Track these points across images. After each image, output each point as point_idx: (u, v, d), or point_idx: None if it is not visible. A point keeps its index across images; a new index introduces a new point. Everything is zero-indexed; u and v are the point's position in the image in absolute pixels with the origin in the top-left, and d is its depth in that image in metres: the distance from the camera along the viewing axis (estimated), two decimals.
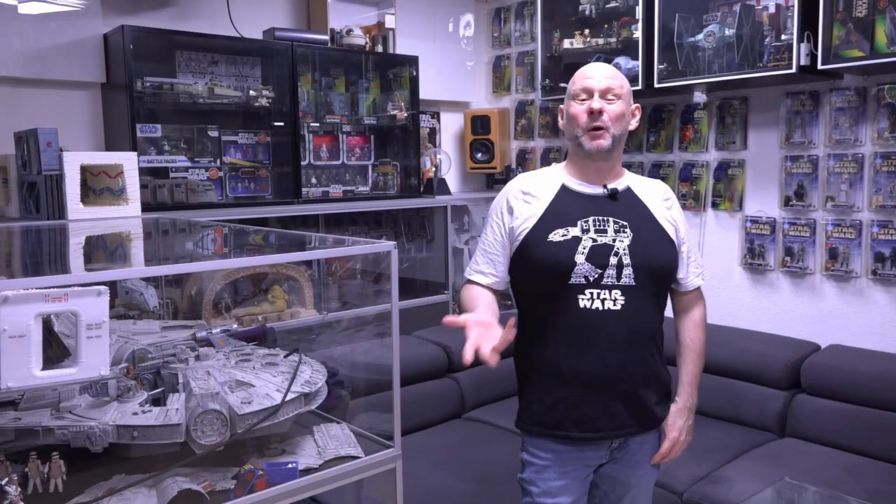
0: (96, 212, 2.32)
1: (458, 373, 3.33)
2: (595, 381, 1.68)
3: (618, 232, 1.70)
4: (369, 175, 3.87)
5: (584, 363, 1.68)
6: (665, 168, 3.51)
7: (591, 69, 1.74)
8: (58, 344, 1.32)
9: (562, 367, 1.69)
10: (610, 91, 1.70)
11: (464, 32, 4.17)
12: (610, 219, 1.71)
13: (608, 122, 1.69)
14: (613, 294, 1.66)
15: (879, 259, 2.86)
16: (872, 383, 2.67)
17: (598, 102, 1.68)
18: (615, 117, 1.70)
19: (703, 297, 1.88)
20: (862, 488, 2.38)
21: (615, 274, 1.67)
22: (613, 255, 1.67)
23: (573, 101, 1.73)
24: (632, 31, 3.23)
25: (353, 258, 3.29)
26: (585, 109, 1.69)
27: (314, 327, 2.66)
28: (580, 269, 1.65)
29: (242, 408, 1.40)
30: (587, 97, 1.70)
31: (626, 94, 1.73)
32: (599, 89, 1.69)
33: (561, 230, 1.69)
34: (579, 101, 1.72)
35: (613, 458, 1.77)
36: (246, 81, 3.36)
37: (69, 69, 2.91)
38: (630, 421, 1.72)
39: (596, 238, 1.68)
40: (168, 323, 1.90)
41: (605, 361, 1.67)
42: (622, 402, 1.70)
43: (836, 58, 2.64)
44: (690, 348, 1.84)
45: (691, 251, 1.83)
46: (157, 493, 1.30)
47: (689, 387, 1.83)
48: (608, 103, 1.70)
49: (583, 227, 1.69)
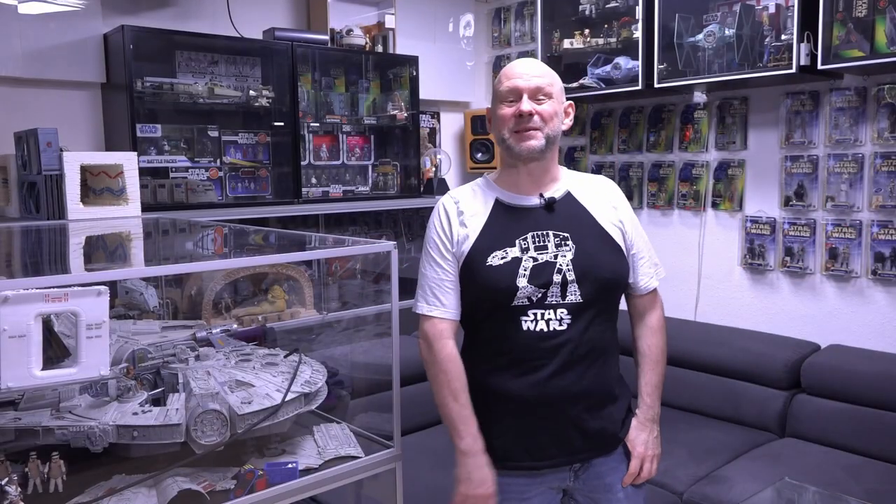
0: (96, 212, 2.32)
1: None
2: (543, 407, 1.58)
3: (559, 246, 1.58)
4: (369, 175, 3.87)
5: (529, 388, 1.57)
6: (665, 168, 3.51)
7: (520, 66, 1.62)
8: (58, 344, 1.32)
9: (508, 392, 1.59)
10: (540, 91, 1.59)
11: (464, 32, 4.16)
12: (549, 232, 1.59)
13: (540, 122, 1.58)
14: (559, 313, 1.56)
15: (879, 259, 2.86)
16: (872, 383, 2.67)
17: (527, 104, 1.57)
18: (547, 117, 1.58)
19: (660, 298, 1.76)
20: (862, 488, 2.38)
21: (559, 292, 1.56)
22: (557, 273, 1.56)
23: (501, 102, 1.61)
24: (632, 31, 3.23)
25: (353, 258, 3.29)
26: (514, 112, 1.58)
27: (314, 327, 2.66)
28: (522, 291, 1.55)
29: (242, 408, 1.40)
30: (515, 98, 1.59)
31: (557, 91, 1.62)
32: (528, 89, 1.58)
33: (500, 252, 1.58)
34: (507, 102, 1.60)
35: (580, 479, 1.66)
36: (246, 81, 3.36)
37: (69, 69, 2.91)
38: (585, 445, 1.62)
39: (536, 256, 1.57)
40: (168, 323, 1.90)
41: (552, 385, 1.56)
42: (575, 427, 1.60)
43: (836, 58, 2.64)
44: (648, 356, 1.72)
45: (642, 251, 1.70)
46: (157, 493, 1.30)
47: (648, 398, 1.70)
48: (538, 103, 1.58)
49: (521, 245, 1.58)
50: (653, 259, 1.74)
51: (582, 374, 1.58)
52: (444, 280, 1.63)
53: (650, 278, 1.72)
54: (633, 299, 1.75)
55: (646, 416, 1.70)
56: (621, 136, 3.69)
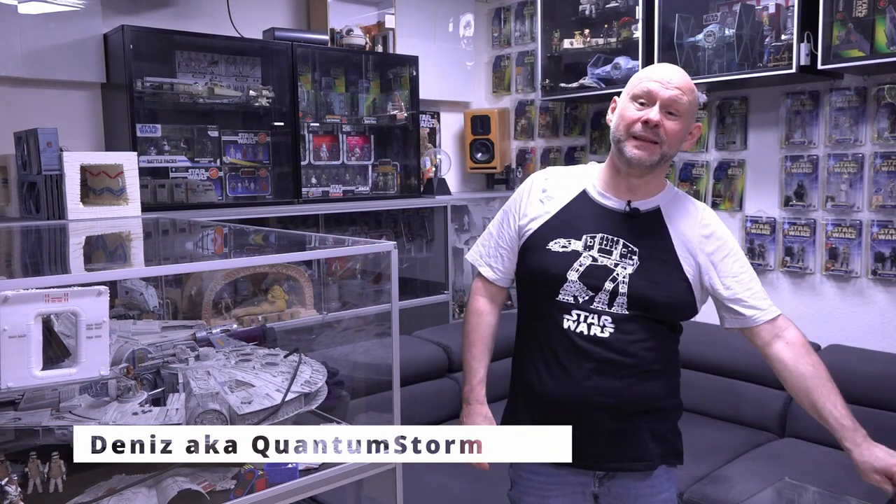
0: (96, 212, 2.32)
1: (458, 373, 3.32)
2: (571, 408, 1.55)
3: (624, 256, 1.53)
4: (369, 175, 3.87)
5: (562, 388, 1.55)
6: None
7: (663, 72, 1.52)
8: (58, 344, 1.32)
9: (540, 388, 1.59)
10: (674, 104, 1.49)
11: (464, 32, 4.17)
12: (620, 240, 1.54)
13: (662, 136, 1.49)
14: (602, 320, 1.51)
15: (879, 259, 2.86)
16: (872, 383, 2.67)
17: (656, 114, 1.48)
18: (672, 135, 1.50)
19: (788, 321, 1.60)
20: (862, 488, 2.36)
21: (607, 300, 1.52)
22: (611, 280, 1.52)
23: (632, 100, 1.53)
24: (632, 31, 3.24)
25: (353, 258, 3.29)
26: (641, 117, 1.50)
27: (314, 327, 2.66)
28: (570, 286, 1.53)
29: (242, 408, 1.40)
30: (647, 102, 1.50)
31: (691, 110, 1.53)
32: (664, 99, 1.49)
33: (563, 240, 1.56)
34: (638, 103, 1.51)
35: (604, 486, 1.62)
36: (246, 81, 3.36)
37: (69, 69, 2.91)
38: (610, 455, 1.57)
39: (597, 258, 1.53)
40: (168, 323, 1.89)
41: (583, 388, 1.53)
42: (601, 434, 1.55)
43: (836, 58, 2.64)
44: (816, 375, 1.52)
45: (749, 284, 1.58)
46: (157, 493, 1.30)
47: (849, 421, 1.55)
48: (668, 117, 1.49)
49: (587, 242, 1.55)
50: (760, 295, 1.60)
51: (618, 384, 1.53)
52: (500, 246, 1.69)
53: (762, 311, 1.58)
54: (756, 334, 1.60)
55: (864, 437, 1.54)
56: None
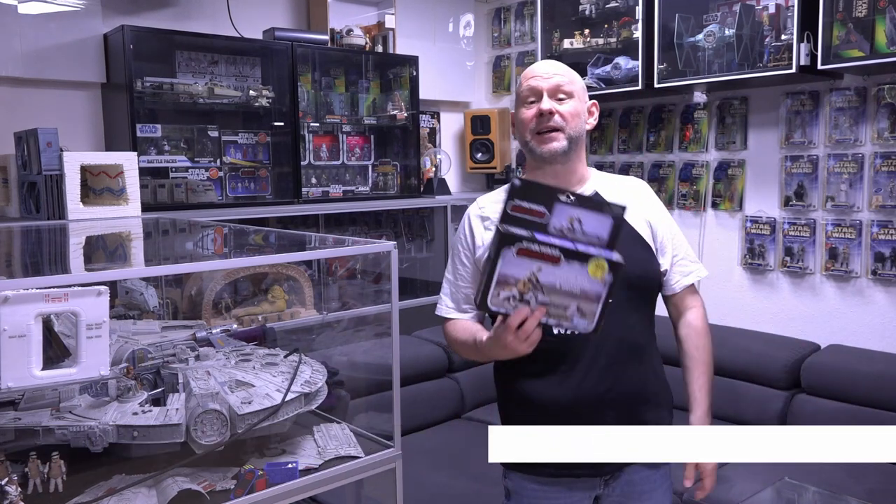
0: (96, 212, 2.32)
1: (458, 373, 3.33)
2: (571, 413, 1.54)
3: None
4: (369, 175, 3.87)
5: (559, 393, 1.54)
6: (665, 168, 3.51)
7: (538, 67, 1.60)
8: (58, 344, 1.32)
9: (540, 398, 1.57)
10: (560, 89, 1.56)
11: (464, 32, 4.17)
12: None
13: (561, 122, 1.54)
14: None
15: (879, 259, 2.86)
16: (872, 383, 2.67)
17: (547, 103, 1.54)
18: (569, 117, 1.55)
19: (700, 298, 1.70)
20: (862, 488, 2.38)
21: None
22: None
23: (522, 105, 1.59)
24: (632, 31, 3.24)
25: (353, 258, 3.29)
26: (534, 112, 1.56)
27: (314, 327, 2.66)
28: None
29: (242, 408, 1.40)
30: (535, 98, 1.57)
31: (579, 90, 1.59)
32: (548, 88, 1.55)
33: None
34: (528, 103, 1.58)
35: (609, 486, 1.62)
36: (246, 81, 3.36)
37: (69, 69, 2.91)
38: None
39: None
40: (168, 323, 1.89)
41: (582, 389, 1.53)
42: None
43: (836, 58, 2.64)
44: (696, 358, 1.64)
45: (677, 248, 1.65)
46: (157, 493, 1.30)
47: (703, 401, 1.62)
48: (559, 103, 1.55)
49: None
50: (689, 257, 1.68)
51: (614, 375, 1.54)
52: (462, 288, 1.67)
53: (685, 276, 1.65)
54: (671, 299, 1.68)
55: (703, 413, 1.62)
56: (621, 136, 3.69)
